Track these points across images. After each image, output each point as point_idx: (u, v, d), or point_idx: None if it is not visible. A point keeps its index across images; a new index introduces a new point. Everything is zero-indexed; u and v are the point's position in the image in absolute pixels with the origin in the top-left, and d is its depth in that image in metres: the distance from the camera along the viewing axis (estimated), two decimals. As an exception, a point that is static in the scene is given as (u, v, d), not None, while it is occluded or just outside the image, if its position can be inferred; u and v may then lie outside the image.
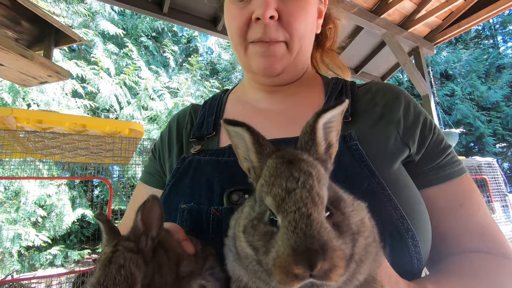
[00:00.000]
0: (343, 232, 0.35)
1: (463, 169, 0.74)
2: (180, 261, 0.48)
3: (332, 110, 0.40)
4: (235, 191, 0.60)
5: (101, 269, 0.41)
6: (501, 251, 0.68)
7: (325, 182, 0.37)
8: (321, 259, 0.31)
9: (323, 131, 0.41)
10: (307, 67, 0.88)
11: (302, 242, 0.32)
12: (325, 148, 0.42)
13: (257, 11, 0.70)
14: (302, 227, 0.32)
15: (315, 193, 0.34)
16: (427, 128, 0.73)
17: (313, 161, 0.38)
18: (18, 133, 1.70)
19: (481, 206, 0.72)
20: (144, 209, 0.45)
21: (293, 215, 0.33)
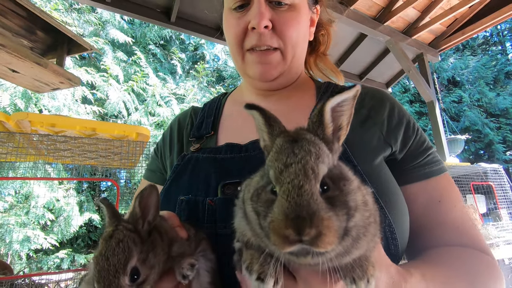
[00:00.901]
0: (336, 206, 0.38)
1: (443, 168, 0.79)
2: (173, 244, 0.54)
3: (340, 95, 0.43)
4: (228, 184, 0.65)
5: (103, 243, 0.47)
6: (476, 245, 0.72)
7: (325, 160, 0.40)
8: (308, 226, 0.35)
9: (332, 114, 0.44)
10: (300, 72, 0.94)
11: (293, 209, 0.36)
12: (333, 130, 0.44)
13: (253, 21, 0.76)
14: (293, 196, 0.36)
15: (309, 167, 0.38)
16: (410, 130, 0.79)
17: (316, 141, 0.41)
18: (32, 136, 1.79)
19: (457, 203, 0.77)
20: (142, 196, 0.51)
21: (287, 185, 0.37)
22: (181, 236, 0.56)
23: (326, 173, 0.39)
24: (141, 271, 0.47)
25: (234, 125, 0.88)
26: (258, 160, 0.69)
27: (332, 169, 0.41)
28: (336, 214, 0.37)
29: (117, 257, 0.45)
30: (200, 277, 0.56)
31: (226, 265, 0.60)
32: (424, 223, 0.75)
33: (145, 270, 0.47)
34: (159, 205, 0.53)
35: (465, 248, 0.72)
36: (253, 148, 0.73)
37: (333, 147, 0.43)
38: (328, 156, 0.41)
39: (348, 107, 0.45)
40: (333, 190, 0.39)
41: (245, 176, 0.66)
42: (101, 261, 0.46)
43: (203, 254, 0.58)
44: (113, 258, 0.45)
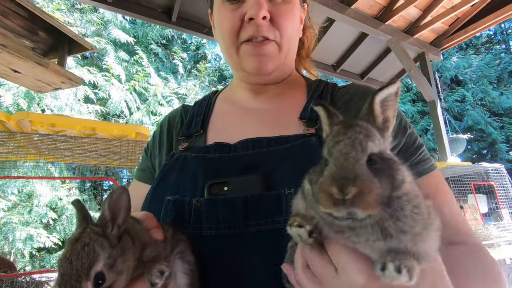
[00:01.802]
0: (381, 175, 0.41)
1: (433, 166, 0.79)
2: (146, 248, 0.52)
3: (386, 89, 0.47)
4: (215, 184, 0.65)
5: (68, 246, 0.47)
6: (469, 239, 0.73)
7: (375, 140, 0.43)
8: (351, 185, 0.38)
9: (381, 107, 0.48)
10: (292, 68, 0.94)
11: (339, 172, 0.40)
12: (382, 121, 0.48)
13: (250, 11, 0.76)
14: (341, 162, 0.40)
15: (357, 142, 0.42)
16: (401, 129, 0.78)
17: (368, 126, 0.45)
18: (33, 136, 1.81)
19: (450, 200, 0.77)
20: (111, 199, 0.50)
21: (336, 154, 0.42)
22: (156, 239, 0.55)
23: (376, 153, 0.43)
24: (107, 276, 0.45)
25: (224, 124, 0.87)
26: (246, 160, 0.70)
27: (383, 153, 0.45)
28: (380, 181, 0.40)
29: (81, 261, 0.44)
30: (178, 279, 0.55)
31: (213, 266, 0.60)
32: None
33: (111, 275, 0.46)
34: (130, 207, 0.52)
35: (466, 247, 0.71)
36: (241, 148, 0.73)
37: (383, 134, 0.47)
38: (379, 139, 0.44)
39: (392, 102, 0.49)
40: (381, 165, 0.42)
41: (232, 176, 0.67)
42: (64, 264, 0.45)
43: (181, 256, 0.58)
44: (77, 262, 0.44)
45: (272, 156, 0.67)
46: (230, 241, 0.60)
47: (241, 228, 0.60)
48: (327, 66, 5.80)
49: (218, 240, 0.61)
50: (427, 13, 5.01)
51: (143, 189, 0.83)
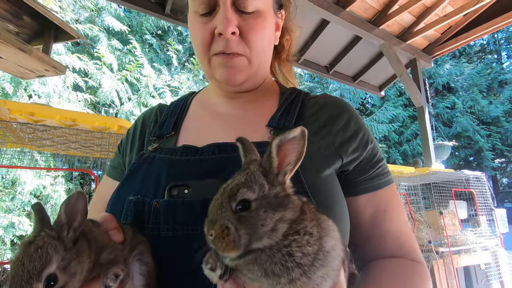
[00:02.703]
0: (242, 224, 0.44)
1: (390, 180, 0.82)
2: (103, 250, 0.53)
3: (286, 134, 0.48)
4: (176, 186, 0.66)
5: (21, 248, 0.47)
6: (412, 256, 0.77)
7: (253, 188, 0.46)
8: (211, 228, 0.44)
9: (281, 150, 0.49)
10: (266, 76, 0.94)
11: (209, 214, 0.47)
12: (279, 164, 0.49)
13: (219, 27, 0.76)
14: (211, 206, 0.47)
15: (229, 190, 0.46)
16: (363, 143, 0.80)
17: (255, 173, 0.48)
18: (12, 124, 1.77)
19: (400, 213, 0.81)
20: (69, 203, 0.51)
21: (213, 199, 0.47)
22: (115, 241, 0.56)
23: (254, 199, 0.45)
24: (59, 278, 0.46)
25: (195, 127, 0.87)
26: (209, 163, 0.71)
27: (267, 197, 0.46)
28: (238, 229, 0.43)
29: (33, 264, 0.45)
30: (134, 280, 0.57)
31: (169, 266, 0.61)
32: (371, 233, 0.78)
33: (64, 277, 0.47)
34: (87, 212, 0.52)
35: (404, 261, 0.76)
36: (208, 151, 0.73)
37: (275, 180, 0.48)
38: (261, 186, 0.46)
39: (299, 146, 0.49)
40: (251, 213, 0.44)
41: (194, 179, 0.67)
42: (16, 266, 0.45)
43: (139, 258, 0.59)
44: (29, 264, 0.44)
45: (234, 161, 0.68)
46: (186, 242, 0.61)
47: (198, 230, 0.61)
48: (321, 67, 5.83)
49: (174, 241, 0.62)
50: (421, 20, 5.07)
51: (112, 185, 0.83)
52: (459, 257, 3.68)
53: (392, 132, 17.49)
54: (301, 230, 0.45)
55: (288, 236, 0.44)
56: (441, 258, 3.51)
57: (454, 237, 3.81)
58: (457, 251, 3.73)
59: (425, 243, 3.50)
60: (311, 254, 0.43)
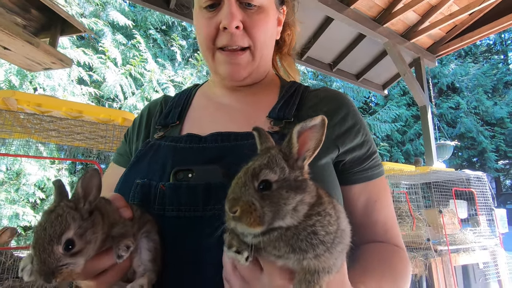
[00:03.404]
0: (265, 201, 0.46)
1: (382, 171, 0.88)
2: (115, 225, 0.58)
3: (308, 121, 0.51)
4: (180, 170, 0.70)
5: (43, 216, 0.53)
6: (395, 241, 0.84)
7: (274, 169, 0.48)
8: (234, 205, 0.45)
9: (301, 137, 0.51)
10: (268, 70, 0.98)
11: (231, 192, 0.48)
12: (299, 150, 0.52)
13: (224, 21, 0.79)
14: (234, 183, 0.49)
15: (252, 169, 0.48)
16: (359, 135, 0.84)
17: (276, 156, 0.50)
18: (19, 114, 1.82)
19: (388, 203, 0.87)
20: (85, 178, 0.56)
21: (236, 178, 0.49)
22: (125, 217, 0.61)
23: (275, 180, 0.47)
24: (76, 243, 0.51)
25: (199, 117, 0.91)
26: (212, 151, 0.75)
27: (287, 180, 0.48)
28: (262, 205, 0.45)
29: (54, 229, 0.50)
30: (142, 255, 0.61)
31: (173, 244, 0.65)
32: (361, 221, 0.83)
33: (80, 243, 0.52)
34: (101, 187, 0.57)
35: (388, 245, 0.82)
36: (211, 140, 0.77)
37: (295, 164, 0.51)
38: (282, 168, 0.49)
39: (318, 134, 0.51)
40: (273, 192, 0.47)
41: (197, 164, 0.71)
42: (39, 230, 0.51)
43: (146, 235, 0.63)
44: (50, 229, 0.50)
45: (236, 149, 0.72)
46: (190, 223, 0.66)
47: (200, 212, 0.65)
48: (324, 64, 5.83)
49: (179, 221, 0.66)
50: (426, 19, 5.05)
51: (119, 172, 0.87)
52: (457, 256, 3.70)
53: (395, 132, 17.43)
54: (322, 212, 0.49)
55: (312, 216, 0.48)
56: (440, 256, 3.54)
57: (453, 236, 3.83)
58: (456, 249, 3.75)
59: (423, 241, 3.53)
60: (332, 232, 0.49)
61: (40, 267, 0.49)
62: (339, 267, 0.51)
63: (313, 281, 0.47)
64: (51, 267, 0.49)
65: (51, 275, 0.49)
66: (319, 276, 0.47)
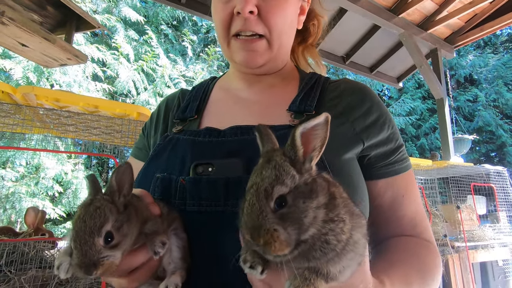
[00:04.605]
0: (286, 221, 0.44)
1: (409, 165, 0.84)
2: (147, 222, 0.58)
3: (309, 121, 0.48)
4: (200, 164, 0.70)
5: (81, 209, 0.53)
6: (425, 236, 0.81)
7: (285, 181, 0.46)
8: (258, 235, 0.43)
9: (305, 137, 0.49)
10: (286, 60, 0.94)
11: (248, 220, 0.45)
12: (304, 152, 0.49)
13: (238, 5, 0.77)
14: (248, 211, 0.46)
15: (263, 189, 0.45)
16: (385, 128, 0.81)
17: (284, 164, 0.47)
18: (38, 110, 1.86)
19: (417, 197, 0.84)
20: (118, 172, 0.56)
21: (247, 202, 0.46)
22: (154, 214, 0.60)
23: (287, 192, 0.45)
24: (114, 236, 0.52)
25: (217, 111, 0.90)
26: (232, 144, 0.74)
27: (299, 187, 0.46)
28: (285, 228, 0.44)
29: (93, 221, 0.50)
30: (172, 252, 0.61)
31: (194, 238, 0.65)
32: (388, 216, 0.80)
33: (118, 236, 0.52)
34: (133, 183, 0.57)
35: (417, 239, 0.79)
36: (230, 133, 0.76)
37: (302, 168, 0.48)
38: (292, 177, 0.46)
39: (322, 132, 0.49)
40: (290, 207, 0.45)
41: (216, 158, 0.71)
42: (78, 223, 0.51)
43: (175, 233, 0.63)
44: (90, 221, 0.50)
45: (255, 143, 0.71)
46: (211, 217, 0.65)
47: (221, 206, 0.65)
48: (337, 57, 5.71)
49: (200, 216, 0.66)
50: (444, 8, 4.86)
51: (137, 165, 0.87)
52: (475, 253, 3.60)
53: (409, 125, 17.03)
54: (335, 217, 0.47)
55: (325, 224, 0.46)
56: (457, 253, 3.45)
57: (471, 232, 3.73)
58: (474, 246, 3.65)
59: (440, 237, 3.45)
60: (343, 240, 0.47)
61: (81, 260, 0.49)
62: (346, 277, 0.49)
63: (309, 279, 0.46)
64: (92, 259, 0.49)
65: (92, 267, 0.49)
66: (317, 277, 0.46)
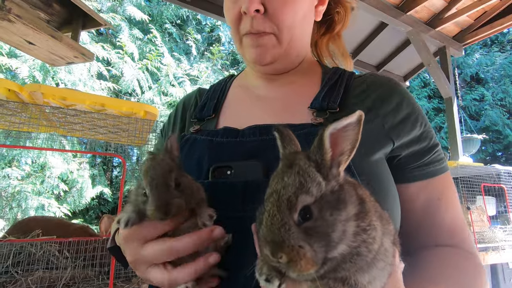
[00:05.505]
0: (313, 236, 0.39)
1: (445, 167, 0.77)
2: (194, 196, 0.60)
3: (341, 121, 0.43)
4: (218, 168, 0.67)
5: (147, 161, 0.57)
6: (466, 247, 0.73)
7: (311, 190, 0.40)
8: (280, 251, 0.38)
9: (334, 139, 0.44)
10: (304, 55, 0.89)
11: (268, 234, 0.41)
12: (332, 156, 0.44)
13: (243, 5, 0.74)
14: (269, 224, 0.41)
15: (285, 199, 0.40)
16: (417, 126, 0.74)
17: (308, 169, 0.42)
18: (45, 108, 1.85)
19: (455, 202, 0.76)
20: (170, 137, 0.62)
21: (267, 213, 0.42)
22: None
23: (313, 202, 0.40)
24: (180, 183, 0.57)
25: (235, 110, 0.87)
26: (251, 145, 0.70)
27: (325, 196, 0.41)
28: (311, 245, 0.39)
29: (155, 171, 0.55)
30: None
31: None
32: (422, 222, 0.74)
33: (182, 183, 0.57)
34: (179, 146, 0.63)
35: (457, 250, 0.72)
36: (249, 133, 0.72)
37: (329, 174, 0.43)
38: (318, 185, 0.41)
39: (353, 133, 0.44)
40: (316, 220, 0.40)
41: (235, 160, 0.67)
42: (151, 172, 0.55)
43: None
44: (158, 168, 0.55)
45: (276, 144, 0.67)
46: (229, 222, 0.61)
47: (239, 212, 0.61)
48: (343, 55, 5.65)
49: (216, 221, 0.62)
50: (453, 5, 4.77)
51: None
52: (486, 255, 3.53)
53: (414, 125, 16.85)
54: (367, 226, 0.43)
55: (356, 237, 0.41)
56: (466, 255, 3.39)
57: (481, 234, 3.65)
58: (484, 248, 3.58)
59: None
60: (375, 250, 0.43)
61: (157, 203, 0.52)
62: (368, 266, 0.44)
63: None
64: (167, 200, 0.53)
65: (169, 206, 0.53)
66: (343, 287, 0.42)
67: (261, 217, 0.44)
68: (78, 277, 0.58)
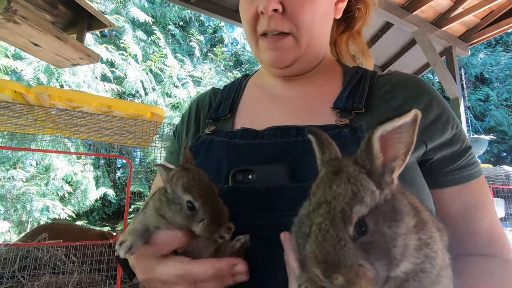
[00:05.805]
0: (372, 253, 0.35)
1: (480, 171, 0.73)
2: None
3: (393, 121, 0.38)
4: (239, 171, 0.63)
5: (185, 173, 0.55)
6: (505, 255, 0.69)
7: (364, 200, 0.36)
8: (336, 272, 0.34)
9: (385, 142, 0.39)
10: (323, 55, 0.86)
11: (320, 252, 0.35)
12: (384, 161, 0.40)
13: (261, 5, 0.71)
14: (320, 239, 0.36)
15: (339, 210, 0.36)
16: (449, 127, 0.70)
17: (359, 176, 0.38)
18: (51, 110, 1.83)
19: (491, 208, 0.72)
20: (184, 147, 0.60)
21: (315, 227, 0.37)
22: None
23: (367, 213, 0.36)
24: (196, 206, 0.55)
25: (252, 110, 0.84)
26: (272, 148, 0.67)
27: (379, 207, 0.37)
28: (371, 263, 0.34)
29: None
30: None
31: None
32: (457, 229, 0.70)
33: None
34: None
35: (495, 259, 0.68)
36: (268, 135, 0.69)
37: (382, 181, 0.39)
38: (372, 193, 0.37)
39: (407, 134, 0.39)
40: (373, 234, 0.36)
41: (257, 163, 0.64)
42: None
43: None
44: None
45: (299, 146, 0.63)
46: (250, 230, 0.59)
47: (261, 218, 0.58)
48: (347, 56, 5.62)
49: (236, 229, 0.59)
50: (459, 4, 4.71)
51: None
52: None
53: (418, 125, 16.75)
54: (429, 239, 0.39)
55: (419, 251, 0.38)
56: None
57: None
58: (493, 250, 3.52)
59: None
60: (439, 265, 0.40)
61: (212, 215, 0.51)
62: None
63: None
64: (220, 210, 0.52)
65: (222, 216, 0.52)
66: None
67: (306, 231, 0.39)
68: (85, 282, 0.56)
